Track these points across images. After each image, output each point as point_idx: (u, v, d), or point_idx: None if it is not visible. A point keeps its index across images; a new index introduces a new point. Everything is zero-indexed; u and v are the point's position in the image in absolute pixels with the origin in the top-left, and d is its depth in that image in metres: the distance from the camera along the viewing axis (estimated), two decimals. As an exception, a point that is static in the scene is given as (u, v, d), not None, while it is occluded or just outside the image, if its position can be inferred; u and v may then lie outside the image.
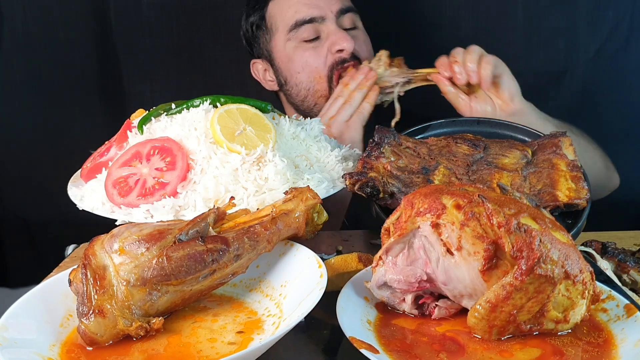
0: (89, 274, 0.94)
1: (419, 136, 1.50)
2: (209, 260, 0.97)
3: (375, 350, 0.86)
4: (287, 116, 1.48)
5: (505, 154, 1.35)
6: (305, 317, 0.91)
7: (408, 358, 0.87)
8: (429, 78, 1.71)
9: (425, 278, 0.97)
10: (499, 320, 0.89)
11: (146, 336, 0.95)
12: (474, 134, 1.46)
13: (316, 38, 1.86)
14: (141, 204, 1.22)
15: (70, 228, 1.68)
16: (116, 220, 1.23)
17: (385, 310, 1.00)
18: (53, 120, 2.22)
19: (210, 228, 1.02)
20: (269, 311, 1.02)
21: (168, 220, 1.10)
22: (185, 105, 1.39)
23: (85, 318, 0.92)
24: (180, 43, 2.21)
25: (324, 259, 1.06)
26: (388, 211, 1.10)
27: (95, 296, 0.93)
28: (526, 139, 1.48)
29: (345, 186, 1.25)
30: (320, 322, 1.02)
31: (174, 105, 1.41)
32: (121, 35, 2.18)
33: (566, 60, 2.08)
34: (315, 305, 0.92)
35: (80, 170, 1.47)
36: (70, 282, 0.97)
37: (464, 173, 1.29)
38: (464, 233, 0.90)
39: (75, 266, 0.98)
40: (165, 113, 1.40)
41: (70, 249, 1.51)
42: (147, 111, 1.43)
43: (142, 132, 1.37)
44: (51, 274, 1.28)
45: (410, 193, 1.01)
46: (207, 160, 1.26)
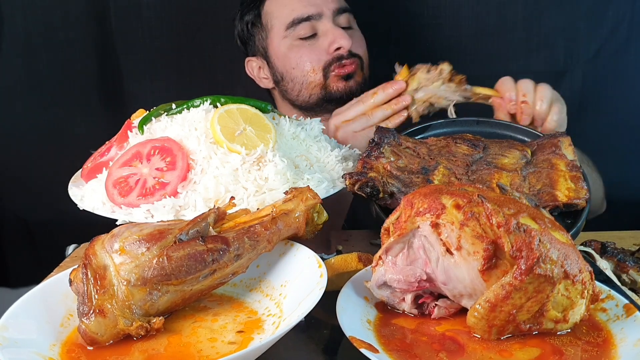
0: (89, 273, 0.94)
1: (419, 136, 1.50)
2: (209, 260, 0.97)
3: (375, 350, 0.86)
4: (283, 115, 1.48)
5: (505, 154, 1.35)
6: (305, 317, 0.91)
7: (408, 357, 0.87)
8: (489, 102, 1.62)
9: (424, 278, 0.97)
10: (499, 320, 0.89)
11: (146, 336, 0.95)
12: (474, 134, 1.46)
13: (313, 36, 1.86)
14: (141, 204, 1.22)
15: (70, 228, 1.68)
16: (116, 220, 1.23)
17: (385, 310, 1.00)
18: (53, 120, 2.22)
19: (211, 228, 1.02)
20: (269, 311, 1.02)
21: (168, 220, 1.10)
22: (185, 106, 1.40)
23: (85, 318, 0.93)
24: (180, 43, 2.20)
25: (324, 259, 1.06)
26: (388, 211, 1.10)
27: (96, 296, 0.93)
28: (525, 139, 1.48)
29: (345, 186, 1.25)
30: (320, 322, 1.02)
31: (174, 106, 1.42)
32: (121, 35, 2.18)
33: (566, 60, 2.08)
34: (315, 305, 0.92)
35: (80, 170, 1.47)
36: (70, 282, 0.97)
37: (464, 173, 1.29)
38: (464, 233, 0.90)
39: (76, 266, 0.98)
40: (166, 113, 1.40)
41: (70, 248, 1.51)
42: (148, 111, 1.43)
43: (143, 132, 1.37)
44: (51, 273, 1.28)
45: (410, 193, 1.01)
46: (208, 160, 1.26)
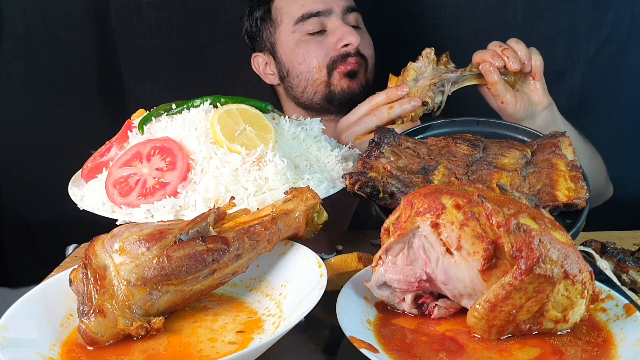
0: (89, 273, 0.94)
1: (419, 136, 1.50)
2: (209, 260, 0.97)
3: (375, 350, 0.86)
4: (285, 114, 1.48)
5: (505, 154, 1.35)
6: (305, 317, 0.91)
7: (408, 357, 0.87)
8: (479, 69, 1.62)
9: (424, 278, 0.97)
10: (499, 320, 0.89)
11: (146, 336, 0.95)
12: (474, 134, 1.46)
13: (321, 32, 1.86)
14: (141, 204, 1.22)
15: (70, 228, 1.68)
16: (117, 220, 1.23)
17: (385, 310, 1.00)
18: (53, 120, 2.22)
19: (211, 228, 1.02)
20: (269, 311, 1.02)
21: (168, 220, 1.11)
22: (185, 106, 1.40)
23: (85, 318, 0.93)
24: (180, 43, 2.20)
25: (324, 259, 1.06)
26: (388, 211, 1.10)
27: (96, 296, 0.93)
28: (525, 139, 1.48)
29: (345, 186, 1.25)
30: (320, 322, 1.02)
31: (174, 106, 1.42)
32: (121, 35, 2.18)
33: (566, 60, 2.08)
34: (315, 305, 0.92)
35: (80, 170, 1.47)
36: (70, 282, 0.97)
37: (464, 173, 1.29)
38: (464, 233, 0.90)
39: (76, 266, 0.98)
40: (166, 113, 1.40)
41: (70, 248, 1.51)
42: (148, 111, 1.43)
43: (143, 132, 1.37)
44: (52, 273, 1.28)
45: (410, 193, 1.01)
46: (208, 160, 1.26)
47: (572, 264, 0.87)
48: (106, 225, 1.14)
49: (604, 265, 1.21)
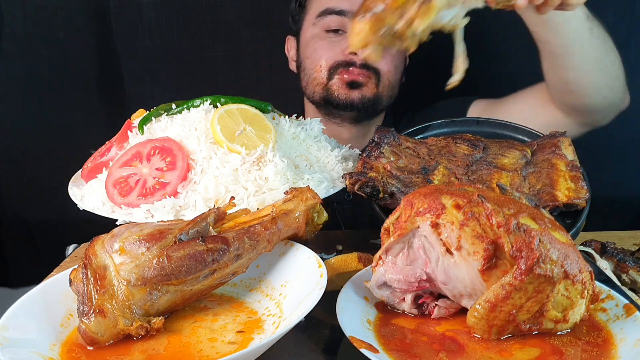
0: (89, 273, 0.94)
1: (419, 136, 1.50)
2: (209, 260, 0.97)
3: (375, 350, 0.86)
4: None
5: (505, 154, 1.35)
6: (305, 317, 0.91)
7: (408, 357, 0.87)
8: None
9: (424, 278, 0.97)
10: (499, 320, 0.89)
11: (146, 336, 0.95)
12: (474, 134, 1.46)
13: (339, 32, 1.81)
14: (141, 204, 1.22)
15: (70, 228, 1.69)
16: (117, 220, 1.23)
17: (385, 310, 1.00)
18: (53, 121, 2.22)
19: (211, 228, 1.02)
20: (269, 311, 1.02)
21: (168, 220, 1.10)
22: (185, 106, 1.40)
23: (85, 318, 0.93)
24: (180, 43, 2.21)
25: (324, 259, 1.06)
26: (388, 211, 1.10)
27: (96, 296, 0.93)
28: (525, 139, 1.49)
29: (345, 186, 1.26)
30: (320, 322, 1.02)
31: (174, 106, 1.42)
32: (121, 35, 2.19)
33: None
34: (315, 305, 0.92)
35: (80, 170, 1.47)
36: (70, 282, 0.97)
37: (464, 173, 1.29)
38: (464, 233, 0.90)
39: (76, 266, 0.98)
40: (166, 113, 1.40)
41: (70, 248, 1.52)
42: (148, 111, 1.43)
43: (143, 132, 1.37)
44: (52, 273, 1.28)
45: (410, 193, 1.01)
46: (208, 160, 1.26)
47: (572, 264, 0.87)
48: (106, 225, 1.14)
49: (604, 265, 1.21)
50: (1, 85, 2.20)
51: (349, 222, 1.82)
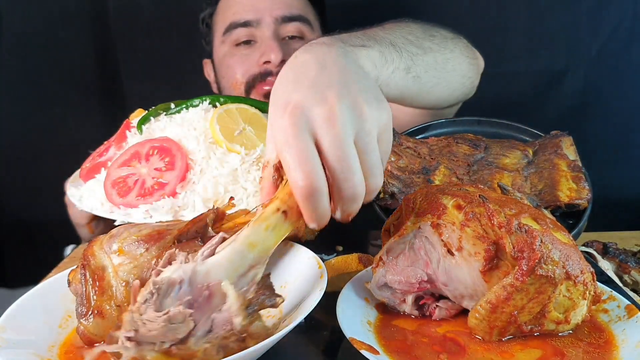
0: (88, 274, 0.94)
1: (420, 136, 1.50)
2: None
3: (375, 351, 0.86)
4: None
5: (506, 154, 1.35)
6: (305, 318, 0.91)
7: (408, 359, 0.87)
8: None
9: (425, 279, 0.96)
10: (500, 321, 0.88)
11: (145, 337, 0.94)
12: (475, 133, 1.45)
13: (251, 42, 1.72)
14: (140, 204, 1.22)
15: (69, 228, 1.68)
16: (115, 220, 1.23)
17: (386, 311, 1.00)
18: (52, 120, 2.22)
19: (210, 228, 1.02)
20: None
21: (167, 221, 1.10)
22: (184, 105, 1.39)
23: (84, 319, 0.92)
24: (180, 43, 2.20)
25: (324, 260, 1.05)
26: (388, 211, 1.09)
27: (95, 297, 0.93)
28: (527, 138, 1.48)
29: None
30: (320, 323, 1.02)
31: (173, 105, 1.41)
32: (121, 35, 2.18)
33: (567, 60, 2.07)
34: (315, 306, 0.91)
35: (79, 170, 1.46)
36: (69, 283, 0.96)
37: (465, 173, 1.28)
38: (465, 233, 0.90)
39: (74, 267, 0.98)
40: (165, 113, 1.40)
41: (69, 249, 1.51)
42: (147, 111, 1.43)
43: (141, 132, 1.37)
44: (50, 274, 1.28)
45: (411, 193, 1.01)
46: (207, 161, 1.26)
47: (574, 265, 0.87)
48: (105, 225, 1.13)
49: (606, 266, 1.21)
50: (0, 85, 2.19)
51: (350, 223, 1.82)
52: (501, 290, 0.87)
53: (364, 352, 0.85)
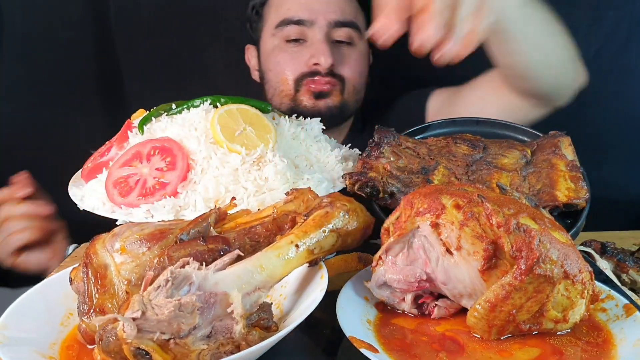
0: (90, 272, 0.94)
1: (419, 136, 1.50)
2: (210, 260, 0.97)
3: (375, 350, 0.86)
4: (283, 115, 1.48)
5: (505, 154, 1.35)
6: (305, 317, 0.91)
7: (408, 357, 0.87)
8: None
9: (424, 278, 0.97)
10: (499, 320, 0.89)
11: (147, 335, 0.95)
12: (473, 134, 1.46)
13: (300, 41, 1.77)
14: (141, 204, 1.22)
15: (70, 228, 1.69)
16: (116, 220, 1.23)
17: (385, 310, 1.00)
18: (53, 121, 2.22)
19: (212, 228, 1.02)
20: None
21: (169, 220, 1.10)
22: (185, 106, 1.40)
23: (86, 317, 0.93)
24: (180, 43, 2.20)
25: (324, 259, 1.05)
26: (388, 211, 1.10)
27: (96, 295, 0.93)
28: (525, 139, 1.49)
29: (345, 186, 1.26)
30: (320, 322, 1.02)
31: (174, 106, 1.42)
32: (121, 35, 2.18)
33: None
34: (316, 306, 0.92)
35: (80, 170, 1.47)
36: (71, 281, 0.97)
37: (464, 173, 1.29)
38: (464, 233, 0.90)
39: (77, 265, 0.98)
40: (166, 113, 1.41)
41: (70, 248, 1.52)
42: (148, 111, 1.43)
43: (143, 132, 1.37)
44: (52, 273, 1.28)
45: (410, 193, 1.01)
46: (208, 161, 1.26)
47: (572, 264, 0.87)
48: (106, 225, 1.14)
49: (604, 265, 1.21)
50: (1, 85, 2.20)
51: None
52: (500, 289, 0.87)
53: (363, 351, 0.85)
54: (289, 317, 0.96)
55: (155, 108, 1.43)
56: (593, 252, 1.24)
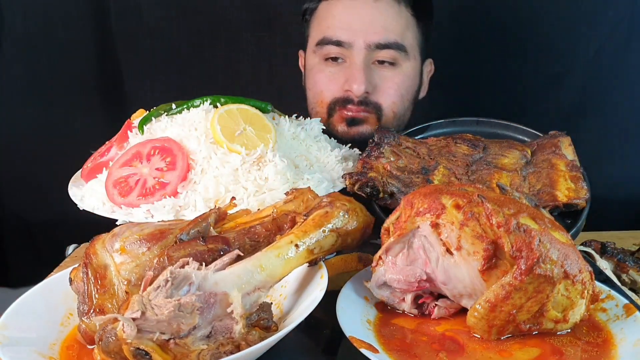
0: (90, 272, 0.94)
1: (419, 136, 1.50)
2: (209, 260, 0.97)
3: (375, 350, 0.86)
4: (283, 115, 1.47)
5: (505, 154, 1.35)
6: (305, 317, 0.91)
7: (408, 357, 0.87)
8: None
9: (424, 278, 0.97)
10: (499, 320, 0.89)
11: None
12: (474, 134, 1.46)
13: (339, 60, 1.67)
14: (141, 204, 1.22)
15: (70, 228, 1.68)
16: (116, 220, 1.23)
17: (385, 310, 1.00)
18: (53, 121, 2.22)
19: (211, 228, 1.02)
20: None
21: (169, 220, 1.10)
22: (185, 106, 1.40)
23: (85, 317, 0.93)
24: (180, 43, 2.20)
25: (324, 259, 1.06)
26: (388, 211, 1.10)
27: (96, 295, 0.93)
28: (525, 139, 1.49)
29: (345, 186, 1.26)
30: (321, 322, 1.02)
31: (174, 106, 1.42)
32: (121, 35, 2.18)
33: (566, 60, 2.08)
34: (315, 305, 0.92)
35: (80, 170, 1.47)
36: (71, 281, 0.97)
37: (464, 173, 1.29)
38: (464, 233, 0.90)
39: (77, 265, 0.98)
40: (166, 113, 1.41)
41: (70, 248, 1.52)
42: (148, 111, 1.43)
43: (143, 132, 1.37)
44: (52, 273, 1.28)
45: (410, 193, 1.01)
46: (208, 161, 1.26)
47: (572, 264, 0.87)
48: (106, 225, 1.14)
49: (604, 265, 1.21)
50: (1, 85, 2.20)
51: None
52: (500, 289, 0.87)
53: (363, 351, 0.85)
54: (289, 317, 0.96)
55: (155, 108, 1.43)
56: (593, 252, 1.25)
